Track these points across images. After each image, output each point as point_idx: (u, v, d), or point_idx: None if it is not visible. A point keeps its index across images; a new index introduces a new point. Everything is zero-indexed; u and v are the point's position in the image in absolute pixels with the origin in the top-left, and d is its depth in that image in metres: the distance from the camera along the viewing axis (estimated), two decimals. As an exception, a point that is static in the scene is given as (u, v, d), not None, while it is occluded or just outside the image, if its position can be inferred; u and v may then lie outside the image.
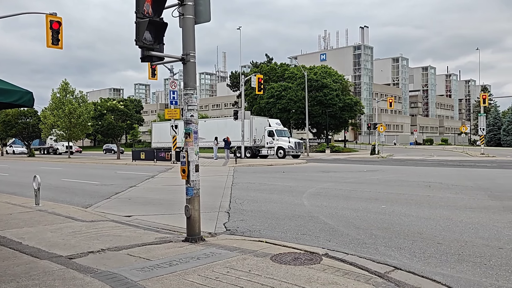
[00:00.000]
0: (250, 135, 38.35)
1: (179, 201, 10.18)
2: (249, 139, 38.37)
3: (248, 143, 37.92)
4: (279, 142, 38.64)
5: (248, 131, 37.54)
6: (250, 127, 38.29)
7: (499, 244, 5.99)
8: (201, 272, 4.63)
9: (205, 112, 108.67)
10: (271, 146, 38.94)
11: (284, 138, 39.51)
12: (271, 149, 38.96)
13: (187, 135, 6.20)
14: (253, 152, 39.34)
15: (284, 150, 38.24)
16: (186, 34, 6.15)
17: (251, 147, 38.93)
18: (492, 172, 19.10)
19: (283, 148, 38.34)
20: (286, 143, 38.56)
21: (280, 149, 38.41)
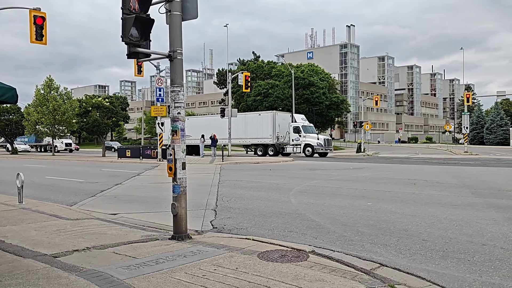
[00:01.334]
0: (272, 132, 35.80)
1: (165, 199, 10.12)
2: (272, 136, 35.85)
3: (270, 140, 35.89)
4: (307, 139, 35.69)
5: (270, 127, 35.70)
6: (272, 123, 35.97)
7: (483, 241, 6.09)
8: (188, 270, 4.61)
9: (192, 110, 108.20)
10: (297, 143, 36.02)
11: (312, 135, 36.59)
12: (296, 147, 36.11)
13: (174, 132, 6.16)
14: (276, 150, 36.44)
15: (312, 148, 35.40)
16: (173, 30, 6.10)
17: (274, 145, 36.23)
18: (475, 170, 19.42)
19: (311, 146, 35.43)
20: (314, 140, 35.70)
21: (307, 147, 35.54)
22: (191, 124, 39.91)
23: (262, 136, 36.09)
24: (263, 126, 36.11)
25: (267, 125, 35.95)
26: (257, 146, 37.35)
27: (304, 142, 35.63)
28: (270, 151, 36.41)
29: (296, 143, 36.11)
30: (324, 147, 35.67)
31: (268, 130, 35.80)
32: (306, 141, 35.65)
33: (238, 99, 63.61)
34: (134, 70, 24.94)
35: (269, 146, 36.24)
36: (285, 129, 36.71)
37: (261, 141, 36.49)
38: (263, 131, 36.10)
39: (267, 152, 36.57)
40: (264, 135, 36.08)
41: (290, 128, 36.48)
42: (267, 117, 36.47)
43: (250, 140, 37.56)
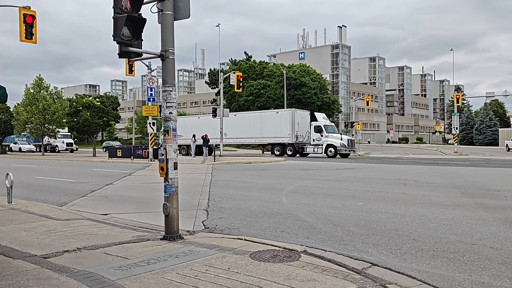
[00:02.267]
0: (291, 131, 34.19)
1: (157, 199, 10.08)
2: (290, 135, 34.27)
3: (289, 139, 34.27)
4: (329, 139, 33.73)
5: (289, 125, 34.15)
6: (291, 121, 34.32)
7: (472, 240, 6.15)
8: (180, 270, 4.60)
9: (183, 110, 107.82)
10: (318, 143, 34.10)
11: (335, 135, 34.67)
12: (317, 147, 34.14)
13: (165, 132, 6.13)
14: (295, 150, 34.68)
15: (335, 148, 33.41)
16: (165, 30, 6.08)
17: (293, 144, 34.55)
18: (465, 170, 19.61)
19: (334, 146, 33.47)
20: (337, 140, 33.64)
21: (330, 147, 33.61)
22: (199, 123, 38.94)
23: (280, 135, 34.55)
24: (281, 124, 34.55)
25: (286, 123, 34.36)
26: (274, 145, 35.74)
27: (326, 143, 33.77)
28: (289, 151, 34.79)
29: (317, 143, 34.25)
30: (348, 148, 33.73)
31: (286, 128, 34.24)
32: (328, 141, 33.74)
33: (230, 99, 63.58)
34: (125, 69, 24.80)
35: (288, 145, 34.66)
36: (304, 128, 35.12)
37: (278, 141, 34.88)
38: (281, 129, 34.62)
39: (285, 152, 34.93)
40: (282, 134, 34.59)
41: (311, 127, 34.68)
42: (285, 115, 34.89)
43: (267, 139, 35.90)
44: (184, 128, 38.71)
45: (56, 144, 53.48)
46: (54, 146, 54.14)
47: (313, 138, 34.52)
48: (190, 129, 38.22)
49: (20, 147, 53.59)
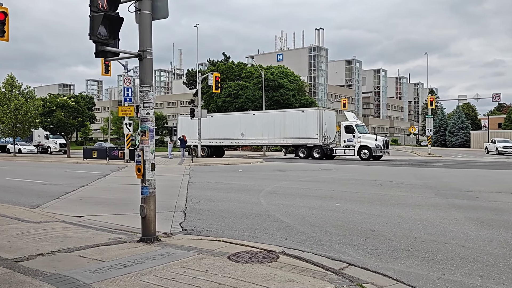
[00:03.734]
0: (319, 131, 31.93)
1: (133, 201, 9.95)
2: (318, 136, 32.00)
3: (316, 140, 32.08)
4: (363, 140, 31.55)
5: (316, 126, 31.95)
6: (319, 121, 31.99)
7: (445, 240, 6.31)
8: (157, 272, 4.55)
9: (160, 110, 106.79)
10: (350, 144, 31.94)
11: (369, 135, 32.70)
12: (349, 149, 31.93)
13: (142, 133, 6.06)
14: (324, 152, 32.34)
15: (370, 150, 31.03)
16: (142, 30, 6.01)
17: (321, 146, 32.28)
18: (438, 172, 20.08)
19: (368, 148, 31.14)
20: (372, 141, 31.35)
21: (364, 149, 31.33)
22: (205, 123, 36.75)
23: (306, 136, 32.34)
24: (307, 124, 32.35)
25: (312, 123, 32.13)
26: (299, 147, 33.58)
27: (359, 144, 31.50)
28: (316, 153, 32.42)
29: (349, 145, 31.99)
30: (383, 150, 31.59)
31: (313, 129, 32.02)
32: (362, 143, 31.48)
33: (208, 99, 63.33)
34: (101, 69, 24.40)
35: (314, 147, 32.47)
36: (331, 129, 33.37)
37: (304, 142, 32.69)
38: (307, 130, 32.39)
39: (311, 154, 32.58)
40: (309, 135, 32.36)
41: (342, 127, 32.64)
42: (312, 114, 32.66)
43: (290, 140, 33.64)
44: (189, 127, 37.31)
45: (49, 145, 51.02)
46: (46, 147, 51.35)
47: (343, 139, 32.25)
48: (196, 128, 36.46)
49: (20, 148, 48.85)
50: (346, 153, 32.15)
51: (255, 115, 36.70)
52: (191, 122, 38.40)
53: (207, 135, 36.71)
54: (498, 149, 45.23)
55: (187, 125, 38.90)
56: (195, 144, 36.92)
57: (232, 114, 40.52)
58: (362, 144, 31.42)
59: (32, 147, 50.59)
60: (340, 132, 32.98)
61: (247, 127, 35.05)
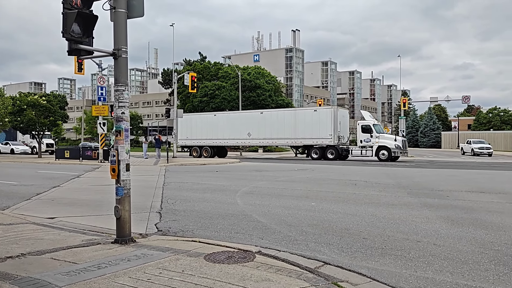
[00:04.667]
0: (333, 131, 30.60)
1: (107, 202, 9.79)
2: (332, 136, 30.63)
3: (330, 141, 30.74)
4: (381, 140, 30.30)
5: (330, 125, 30.65)
6: (333, 120, 30.61)
7: (417, 238, 6.46)
8: (132, 274, 4.49)
9: (135, 110, 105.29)
10: (367, 145, 30.56)
11: (387, 135, 31.82)
12: (366, 149, 30.55)
13: (117, 132, 5.97)
14: (338, 153, 31.01)
15: (389, 151, 29.78)
16: (118, 28, 5.93)
17: (335, 147, 30.90)
18: (410, 171, 20.53)
19: (387, 148, 29.89)
20: (391, 141, 30.19)
21: (382, 149, 30.04)
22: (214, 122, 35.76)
23: (319, 136, 31.03)
24: (320, 124, 31.04)
25: (326, 123, 30.80)
26: (311, 148, 32.10)
27: (377, 144, 30.21)
28: (329, 154, 31.04)
29: (366, 145, 30.59)
30: (403, 150, 30.60)
31: (327, 129, 30.75)
32: (380, 143, 30.20)
33: (184, 99, 62.86)
34: (74, 67, 23.89)
35: (328, 148, 31.12)
36: (345, 129, 32.34)
37: (317, 142, 31.34)
38: (320, 130, 31.06)
39: (324, 155, 31.18)
40: (322, 134, 31.02)
41: (358, 127, 31.39)
42: (326, 113, 31.28)
43: (302, 140, 32.19)
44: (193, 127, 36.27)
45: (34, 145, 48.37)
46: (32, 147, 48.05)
47: (360, 139, 30.94)
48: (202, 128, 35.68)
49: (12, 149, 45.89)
50: (363, 154, 30.84)
51: (263, 114, 35.02)
52: (192, 121, 37.34)
53: (210, 135, 35.50)
54: (474, 150, 45.70)
55: (187, 124, 37.53)
56: (197, 144, 36.01)
57: (238, 112, 39.00)
58: (380, 145, 30.24)
59: (26, 147, 47.85)
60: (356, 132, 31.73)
61: (255, 127, 33.73)
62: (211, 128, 35.48)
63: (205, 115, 39.73)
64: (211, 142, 35.83)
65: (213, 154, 35.63)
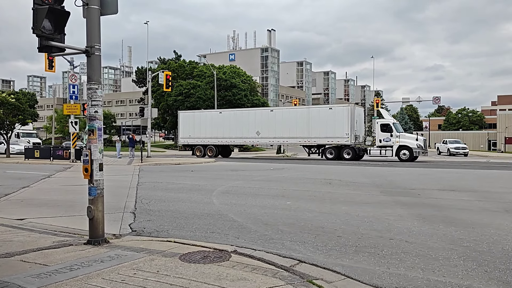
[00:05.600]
0: (350, 130, 29.21)
1: (80, 202, 9.58)
2: (349, 135, 29.20)
3: (346, 140, 29.37)
4: (402, 139, 29.22)
5: (347, 124, 29.30)
6: (350, 119, 29.25)
7: (390, 235, 6.59)
8: (106, 275, 4.41)
9: (109, 108, 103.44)
10: (386, 145, 29.35)
11: (408, 134, 30.71)
12: (386, 149, 29.39)
13: (90, 132, 5.86)
14: (355, 153, 29.84)
15: (411, 151, 28.74)
16: (90, 25, 5.80)
17: (352, 146, 29.68)
18: (384, 170, 20.92)
19: (409, 148, 28.83)
20: (413, 141, 29.12)
21: (403, 149, 28.98)
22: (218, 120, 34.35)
23: (335, 135, 29.73)
24: (336, 122, 29.71)
25: (343, 121, 29.45)
26: (326, 148, 30.97)
27: (398, 144, 29.11)
28: (346, 154, 29.82)
29: (386, 145, 29.44)
30: (424, 150, 29.57)
31: (343, 128, 29.40)
32: (401, 142, 29.12)
33: (158, 98, 62.13)
34: (44, 64, 23.19)
35: (344, 147, 29.89)
36: (361, 127, 31.11)
37: (332, 142, 30.13)
38: (336, 129, 29.72)
39: (340, 155, 30.09)
40: (338, 134, 29.67)
41: (377, 126, 30.28)
42: (342, 112, 29.86)
43: (316, 140, 30.77)
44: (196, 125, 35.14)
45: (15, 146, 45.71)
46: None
47: (379, 139, 29.81)
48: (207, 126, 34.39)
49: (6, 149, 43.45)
50: (382, 154, 29.61)
51: (273, 111, 33.68)
52: (194, 118, 35.96)
53: (215, 134, 34.25)
54: (450, 149, 46.08)
55: (189, 121, 36.09)
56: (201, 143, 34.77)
57: (246, 110, 37.61)
58: (401, 144, 29.13)
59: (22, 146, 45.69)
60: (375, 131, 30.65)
61: (264, 125, 32.42)
62: (216, 126, 34.18)
63: (210, 112, 38.16)
64: (216, 141, 34.47)
65: (217, 153, 34.49)
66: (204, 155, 34.82)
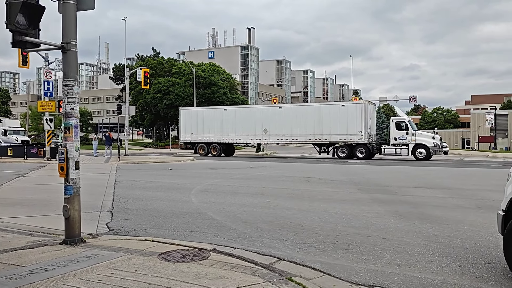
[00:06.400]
0: (363, 128, 28.44)
1: (55, 201, 9.38)
2: (363, 133, 28.43)
3: (360, 138, 28.57)
4: (418, 138, 28.72)
5: (360, 122, 28.53)
6: (363, 116, 28.48)
7: (368, 232, 6.69)
8: (82, 275, 4.34)
9: (85, 106, 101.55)
10: (402, 143, 28.84)
11: (424, 133, 30.16)
12: (401, 147, 28.87)
13: (66, 129, 5.74)
14: (369, 151, 29.22)
15: (427, 149, 28.26)
16: (66, 20, 5.68)
17: (366, 145, 28.99)
18: (361, 168, 21.20)
19: (426, 147, 28.31)
20: (429, 139, 28.70)
21: (419, 148, 28.45)
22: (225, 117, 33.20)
23: (347, 133, 28.95)
24: (349, 120, 28.87)
25: (356, 119, 28.64)
26: (338, 146, 30.33)
27: (414, 142, 28.62)
28: (359, 153, 29.18)
29: (401, 143, 28.93)
30: (441, 149, 29.13)
31: (356, 125, 28.59)
32: (418, 141, 28.63)
33: (136, 95, 61.38)
34: (18, 60, 22.52)
35: (358, 146, 29.18)
36: (374, 125, 30.53)
37: (345, 140, 29.40)
38: (349, 126, 28.91)
39: (353, 153, 29.48)
40: (351, 132, 28.88)
41: (391, 123, 29.84)
42: (355, 109, 29.09)
43: (327, 138, 29.99)
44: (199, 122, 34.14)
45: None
46: None
47: (394, 137, 29.27)
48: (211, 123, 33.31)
49: None
50: (397, 153, 29.06)
51: (281, 108, 32.84)
52: (197, 115, 34.70)
53: (219, 131, 33.22)
54: None
55: (191, 118, 35.07)
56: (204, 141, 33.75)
57: (253, 107, 36.54)
58: (418, 143, 28.60)
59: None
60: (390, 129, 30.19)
61: (272, 122, 31.44)
62: (220, 124, 33.16)
63: (214, 109, 37.08)
64: (220, 139, 33.50)
65: (221, 152, 33.67)
66: (207, 153, 33.92)
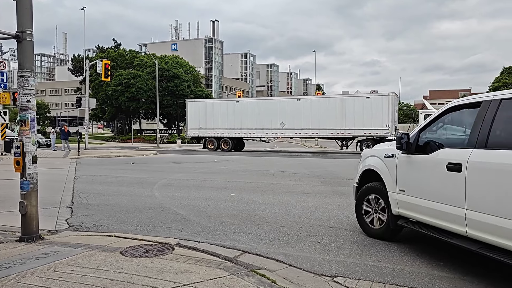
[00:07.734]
0: (390, 122, 26.70)
1: (10, 197, 9.01)
2: (389, 127, 26.64)
3: (386, 132, 26.77)
4: None
5: (387, 115, 26.74)
6: (390, 109, 26.78)
7: (330, 224, 6.85)
8: (41, 273, 4.20)
9: (42, 98, 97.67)
10: None
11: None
12: None
13: (22, 122, 5.51)
14: None
15: None
16: (21, 8, 5.44)
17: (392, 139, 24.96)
18: (324, 162, 21.59)
19: None
20: None
21: None
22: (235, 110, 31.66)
23: (373, 126, 27.26)
24: (374, 113, 27.21)
25: (382, 112, 26.99)
26: (362, 140, 28.60)
27: None
28: None
29: None
30: None
31: (383, 119, 26.92)
32: None
33: (97, 88, 59.69)
34: (-32, 49, 21.37)
35: (384, 140, 25.94)
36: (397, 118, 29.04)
37: (370, 134, 27.59)
38: (374, 120, 27.22)
39: None
40: (376, 125, 27.14)
41: (421, 117, 28.26)
42: (381, 101, 27.28)
43: (351, 132, 28.41)
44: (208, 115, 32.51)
45: None
46: None
47: None
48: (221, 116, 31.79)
49: None
50: None
51: (300, 100, 31.03)
52: (206, 108, 33.06)
53: (231, 125, 31.79)
54: None
55: (200, 112, 33.27)
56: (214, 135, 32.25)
57: (268, 99, 34.81)
58: None
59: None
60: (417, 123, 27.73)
61: (289, 115, 30.05)
62: (232, 117, 31.77)
63: (224, 101, 35.29)
64: (232, 133, 31.90)
65: (232, 146, 32.21)
66: (217, 148, 32.43)
